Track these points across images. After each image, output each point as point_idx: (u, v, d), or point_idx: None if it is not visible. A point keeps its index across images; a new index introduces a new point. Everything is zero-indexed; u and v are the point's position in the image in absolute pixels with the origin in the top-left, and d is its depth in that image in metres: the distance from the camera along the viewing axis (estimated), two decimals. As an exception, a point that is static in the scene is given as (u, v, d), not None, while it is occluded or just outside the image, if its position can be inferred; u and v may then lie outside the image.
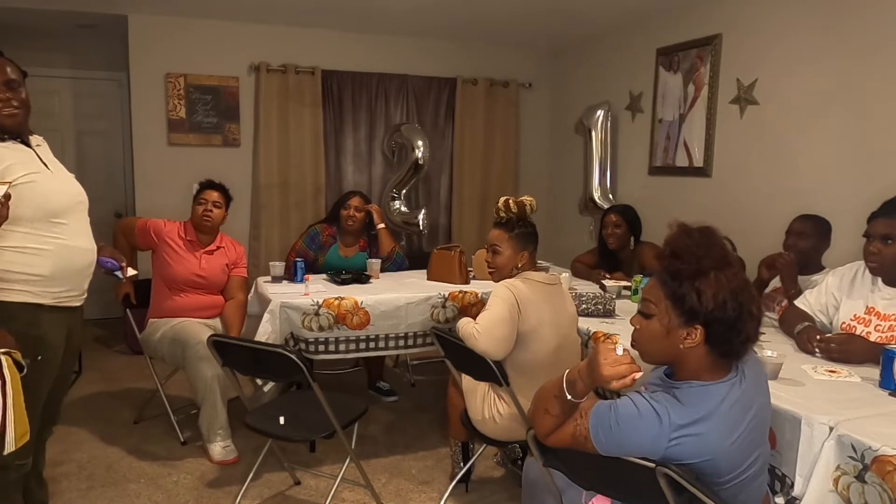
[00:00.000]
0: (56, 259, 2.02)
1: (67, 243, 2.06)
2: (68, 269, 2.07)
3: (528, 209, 2.46)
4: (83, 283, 2.17)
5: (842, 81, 3.18)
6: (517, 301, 2.28)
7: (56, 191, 2.06)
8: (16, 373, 1.44)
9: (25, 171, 1.97)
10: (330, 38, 4.94)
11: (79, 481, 2.77)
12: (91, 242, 2.20)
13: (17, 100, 2.00)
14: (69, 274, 2.08)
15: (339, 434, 2.34)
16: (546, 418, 1.49)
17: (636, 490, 1.44)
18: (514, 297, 2.29)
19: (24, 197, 1.91)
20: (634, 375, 1.37)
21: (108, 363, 4.37)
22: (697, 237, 1.39)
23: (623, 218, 3.72)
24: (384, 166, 5.23)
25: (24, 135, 2.07)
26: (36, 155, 2.07)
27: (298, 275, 3.33)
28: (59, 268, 2.03)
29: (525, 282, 2.36)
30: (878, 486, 1.45)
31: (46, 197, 2.00)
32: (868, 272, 2.29)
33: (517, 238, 2.45)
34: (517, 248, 2.45)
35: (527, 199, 2.47)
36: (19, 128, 2.04)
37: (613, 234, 3.72)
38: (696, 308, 1.34)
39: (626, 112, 4.73)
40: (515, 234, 2.45)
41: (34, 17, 4.39)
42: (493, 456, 3.00)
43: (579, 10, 4.30)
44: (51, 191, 2.03)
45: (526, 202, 2.46)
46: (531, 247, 2.46)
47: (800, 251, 2.84)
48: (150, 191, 4.66)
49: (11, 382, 1.40)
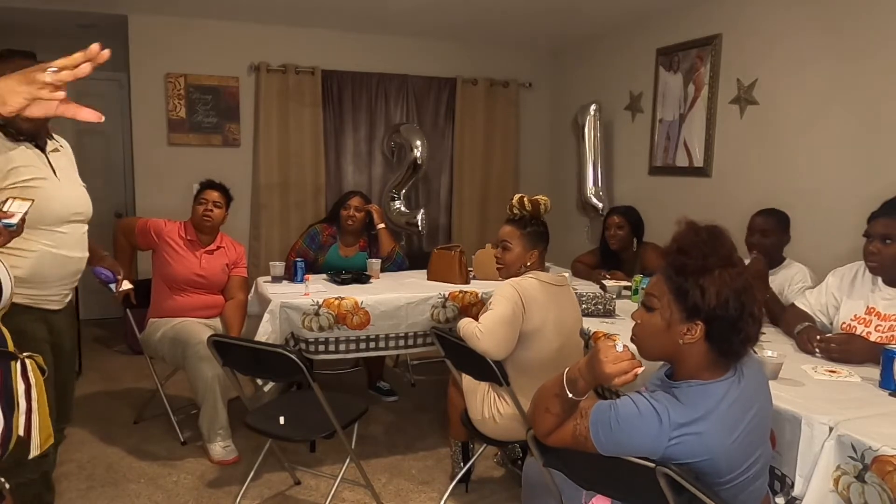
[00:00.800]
0: (36, 264, 1.99)
1: (54, 250, 2.03)
2: (49, 274, 2.04)
3: (543, 208, 2.45)
4: (64, 289, 2.14)
5: (842, 81, 3.18)
6: (522, 300, 2.27)
7: (56, 200, 2.03)
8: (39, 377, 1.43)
9: (30, 175, 1.96)
10: (330, 38, 4.95)
11: (79, 481, 2.77)
12: (83, 251, 2.18)
13: None
14: (49, 279, 2.05)
15: (339, 434, 2.34)
16: (546, 417, 1.49)
17: (636, 490, 1.44)
18: (518, 296, 2.28)
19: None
20: (636, 370, 1.37)
21: (108, 363, 4.37)
22: (705, 235, 1.40)
23: (626, 219, 3.72)
24: (384, 166, 5.23)
25: (40, 138, 2.06)
26: (47, 160, 2.06)
27: (298, 275, 3.33)
28: (36, 272, 2.00)
29: (531, 281, 2.35)
30: (878, 486, 1.45)
31: (46, 204, 1.97)
32: (868, 272, 2.29)
33: (528, 236, 2.43)
34: (527, 247, 2.43)
35: (541, 199, 2.45)
36: (37, 130, 2.03)
37: (616, 236, 3.71)
38: (699, 304, 1.34)
39: (626, 112, 4.73)
40: (527, 231, 2.43)
41: (34, 17, 4.39)
42: (493, 456, 3.00)
43: (579, 10, 4.30)
44: (51, 199, 2.00)
45: (541, 201, 2.44)
46: (541, 246, 2.45)
47: (763, 247, 2.85)
48: (150, 191, 4.66)
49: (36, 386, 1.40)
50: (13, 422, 1.32)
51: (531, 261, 2.43)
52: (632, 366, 1.37)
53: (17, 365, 1.35)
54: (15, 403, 1.32)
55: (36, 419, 1.38)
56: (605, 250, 3.81)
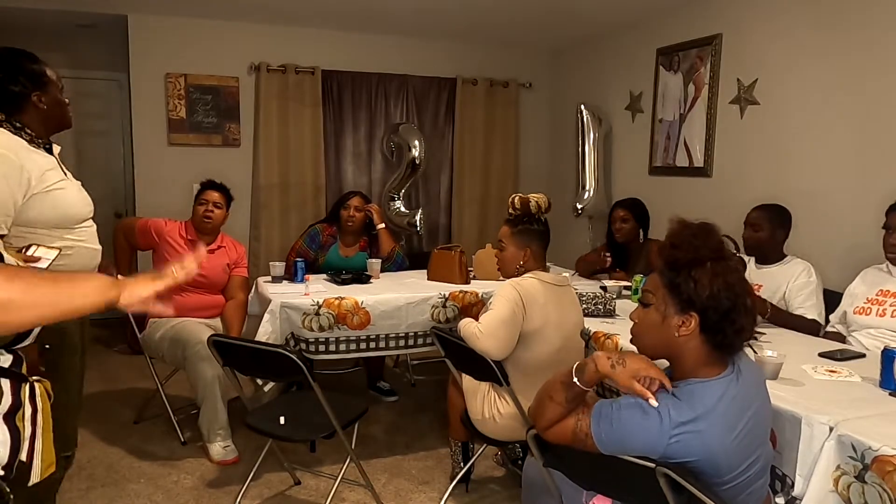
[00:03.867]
0: (78, 259, 2.01)
1: (86, 245, 2.07)
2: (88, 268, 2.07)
3: (534, 206, 2.44)
4: None
5: (842, 81, 3.19)
6: (522, 301, 2.27)
7: (78, 199, 2.06)
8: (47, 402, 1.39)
9: (56, 178, 1.96)
10: (330, 38, 4.95)
11: (79, 481, 2.77)
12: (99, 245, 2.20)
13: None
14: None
15: (339, 434, 2.34)
16: (549, 406, 1.50)
17: (636, 490, 1.44)
18: (518, 296, 2.27)
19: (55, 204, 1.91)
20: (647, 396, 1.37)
21: (108, 363, 4.37)
22: (695, 229, 1.44)
23: (630, 212, 3.73)
24: (384, 166, 5.23)
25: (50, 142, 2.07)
26: (57, 162, 2.07)
27: (298, 275, 3.33)
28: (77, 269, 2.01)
29: (532, 281, 2.34)
30: (879, 486, 1.45)
31: (71, 204, 2.00)
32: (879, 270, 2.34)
33: (519, 234, 2.44)
34: (519, 245, 2.43)
35: (533, 197, 2.44)
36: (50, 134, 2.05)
37: (621, 229, 3.73)
38: (692, 296, 1.37)
39: (626, 112, 4.73)
40: (518, 230, 2.44)
41: (34, 17, 4.39)
42: (493, 456, 3.00)
43: (579, 10, 4.30)
44: (74, 199, 2.03)
45: (532, 199, 2.44)
46: (535, 245, 2.44)
47: (757, 241, 2.87)
48: (150, 191, 4.67)
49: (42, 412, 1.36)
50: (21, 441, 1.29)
51: (524, 259, 2.42)
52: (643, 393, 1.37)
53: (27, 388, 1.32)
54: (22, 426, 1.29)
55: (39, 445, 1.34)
56: (612, 243, 3.83)
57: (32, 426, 1.31)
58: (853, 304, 2.44)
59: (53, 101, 2.02)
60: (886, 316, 2.24)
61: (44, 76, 2.00)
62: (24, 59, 1.97)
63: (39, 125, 1.98)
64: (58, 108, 2.04)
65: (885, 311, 2.27)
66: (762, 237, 2.86)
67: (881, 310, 2.29)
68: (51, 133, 2.06)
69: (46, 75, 2.00)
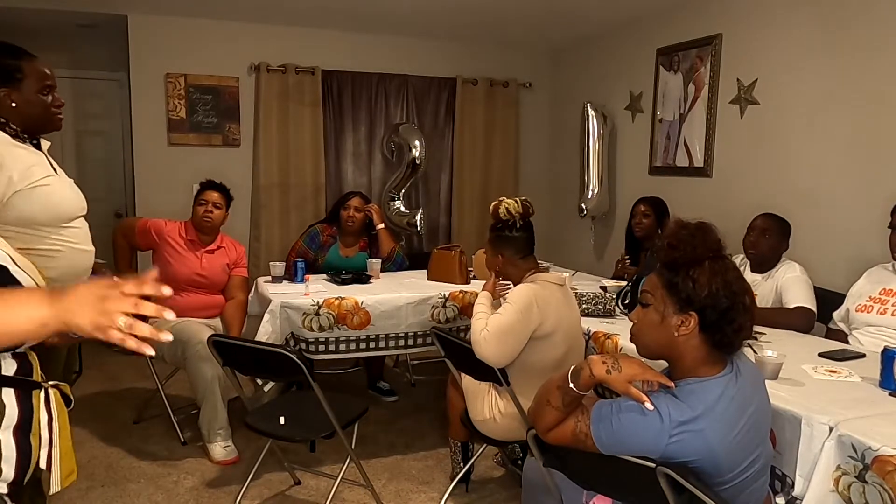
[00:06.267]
0: (65, 261, 2.00)
1: (76, 246, 2.05)
2: (77, 270, 2.05)
3: (503, 212, 2.38)
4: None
5: (842, 81, 3.18)
6: (537, 305, 2.24)
7: (67, 196, 2.04)
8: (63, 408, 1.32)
9: (43, 174, 1.95)
10: (330, 38, 4.94)
11: (79, 481, 2.76)
12: (91, 246, 2.19)
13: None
14: (72, 277, 2.07)
15: (339, 434, 2.34)
16: (547, 410, 1.50)
17: (636, 490, 1.44)
18: (533, 301, 2.24)
19: (41, 201, 1.90)
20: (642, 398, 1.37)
21: (108, 363, 4.36)
22: (693, 229, 1.44)
23: (652, 208, 3.76)
24: (384, 166, 5.23)
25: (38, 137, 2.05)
26: (46, 158, 2.06)
27: (298, 275, 3.33)
28: (67, 270, 2.00)
29: (540, 284, 2.32)
30: (879, 485, 1.45)
31: (59, 201, 1.98)
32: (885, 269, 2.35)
33: (491, 242, 2.46)
34: (492, 251, 2.46)
35: (505, 203, 2.38)
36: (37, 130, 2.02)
37: (641, 224, 3.75)
38: (691, 295, 1.38)
39: (626, 112, 4.73)
40: (492, 237, 2.46)
41: (34, 17, 4.39)
42: (493, 456, 3.00)
43: (579, 10, 4.30)
44: (63, 196, 2.01)
45: (502, 205, 2.38)
46: (509, 251, 2.41)
47: (761, 248, 2.87)
48: (150, 191, 4.66)
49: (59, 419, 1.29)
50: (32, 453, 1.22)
51: (499, 266, 2.43)
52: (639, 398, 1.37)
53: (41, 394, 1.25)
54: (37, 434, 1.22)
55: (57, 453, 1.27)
56: (631, 238, 3.85)
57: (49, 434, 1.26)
58: (856, 302, 2.45)
59: (26, 101, 1.89)
60: (887, 314, 2.25)
61: (16, 72, 1.87)
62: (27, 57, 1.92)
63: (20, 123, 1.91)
64: (33, 108, 1.91)
65: (886, 309, 2.28)
66: (769, 243, 2.87)
67: (882, 308, 2.30)
68: (34, 134, 2.00)
69: (21, 71, 1.88)
